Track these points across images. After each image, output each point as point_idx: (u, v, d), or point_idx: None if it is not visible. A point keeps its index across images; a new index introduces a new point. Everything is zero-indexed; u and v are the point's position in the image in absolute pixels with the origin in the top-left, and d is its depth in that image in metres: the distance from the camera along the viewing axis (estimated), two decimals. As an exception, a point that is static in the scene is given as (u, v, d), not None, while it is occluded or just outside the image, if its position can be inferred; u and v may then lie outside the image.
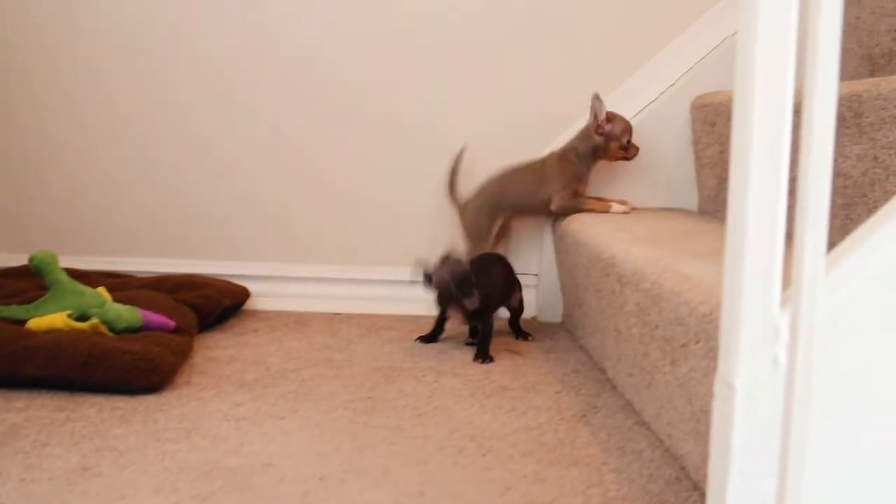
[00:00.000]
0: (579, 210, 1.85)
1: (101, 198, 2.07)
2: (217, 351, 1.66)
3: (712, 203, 1.86)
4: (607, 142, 1.83)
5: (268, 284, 2.03)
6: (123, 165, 2.06)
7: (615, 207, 1.86)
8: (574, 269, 1.75)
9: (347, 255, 2.05)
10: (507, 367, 1.60)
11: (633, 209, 1.88)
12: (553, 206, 1.87)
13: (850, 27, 1.86)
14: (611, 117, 1.83)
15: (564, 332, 1.88)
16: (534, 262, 1.98)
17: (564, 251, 1.83)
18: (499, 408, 1.37)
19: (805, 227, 0.68)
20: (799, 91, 0.70)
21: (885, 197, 1.22)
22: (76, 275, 1.67)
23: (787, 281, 0.74)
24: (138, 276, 1.98)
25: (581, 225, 1.73)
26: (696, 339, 1.05)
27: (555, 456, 1.18)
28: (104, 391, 1.39)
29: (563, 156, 1.88)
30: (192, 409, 1.33)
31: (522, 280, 1.91)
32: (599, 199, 1.89)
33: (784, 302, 0.73)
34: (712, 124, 1.80)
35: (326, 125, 2.03)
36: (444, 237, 2.01)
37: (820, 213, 0.69)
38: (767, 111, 0.70)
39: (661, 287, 1.18)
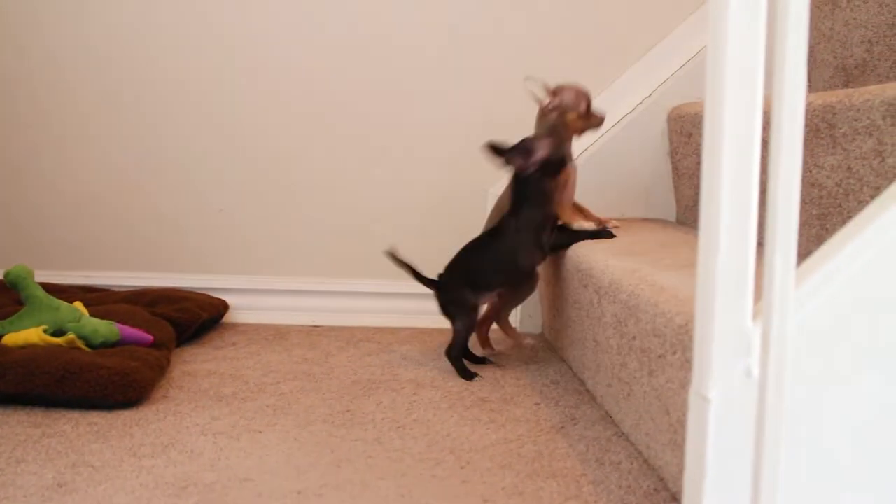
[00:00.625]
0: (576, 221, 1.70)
1: (77, 212, 2.06)
2: (195, 365, 1.65)
3: (690, 213, 1.87)
4: (563, 115, 1.64)
5: (246, 297, 2.02)
6: (100, 179, 2.05)
7: (576, 225, 1.68)
8: (554, 280, 1.75)
9: (326, 267, 2.05)
10: (487, 379, 1.60)
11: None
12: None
13: (825, 38, 1.88)
14: (556, 89, 1.65)
15: (544, 344, 1.88)
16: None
17: (545, 263, 1.82)
18: (477, 420, 1.37)
19: (775, 240, 0.69)
20: (769, 102, 0.71)
21: (860, 207, 1.23)
22: (52, 289, 1.66)
23: (758, 293, 0.74)
24: (116, 290, 1.97)
25: (559, 236, 1.73)
26: (672, 351, 1.05)
27: (533, 468, 1.18)
28: (80, 406, 1.38)
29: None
30: (168, 424, 1.33)
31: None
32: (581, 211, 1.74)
33: (756, 314, 0.74)
34: (689, 135, 1.82)
35: (304, 137, 2.03)
36: (424, 248, 2.01)
37: (789, 226, 0.69)
38: (737, 123, 0.71)
39: (638, 298, 1.18)
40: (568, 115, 1.65)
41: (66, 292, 1.82)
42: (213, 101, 2.03)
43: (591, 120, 1.67)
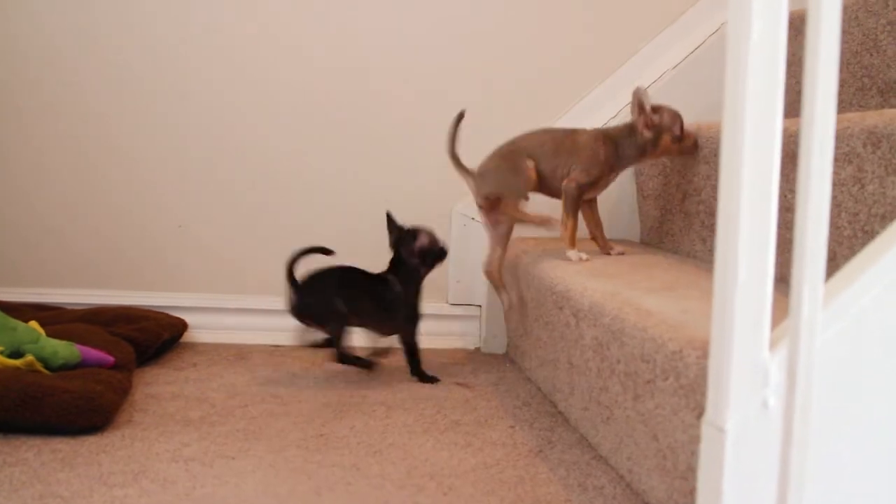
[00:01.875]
0: (574, 210, 1.65)
1: (27, 228, 1.99)
2: (157, 387, 1.60)
3: (655, 234, 1.88)
4: (658, 135, 1.63)
5: (205, 316, 1.97)
6: (52, 192, 1.99)
7: (572, 255, 1.64)
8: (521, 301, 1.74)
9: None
10: (458, 401, 1.58)
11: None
12: (566, 185, 1.65)
13: (788, 64, 1.91)
14: (657, 108, 1.64)
15: (510, 364, 1.87)
16: (479, 292, 1.97)
17: (511, 283, 1.82)
18: (454, 444, 1.35)
19: (802, 273, 0.69)
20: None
21: (836, 234, 1.25)
22: (2, 307, 1.60)
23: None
24: (69, 308, 1.90)
25: (529, 258, 1.73)
26: (663, 376, 1.05)
27: (517, 494, 1.17)
28: (42, 432, 1.33)
29: (603, 138, 1.67)
30: (137, 451, 1.28)
31: (468, 311, 1.91)
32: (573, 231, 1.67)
33: (773, 344, 0.73)
34: (655, 156, 1.82)
35: (266, 153, 2.00)
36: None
37: (817, 258, 0.69)
38: (757, 154, 0.71)
39: (623, 322, 1.18)
40: (663, 136, 1.64)
41: (17, 311, 1.74)
42: (172, 113, 1.98)
43: (684, 143, 1.66)
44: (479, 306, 1.99)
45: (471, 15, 2.00)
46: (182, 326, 1.90)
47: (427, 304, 1.90)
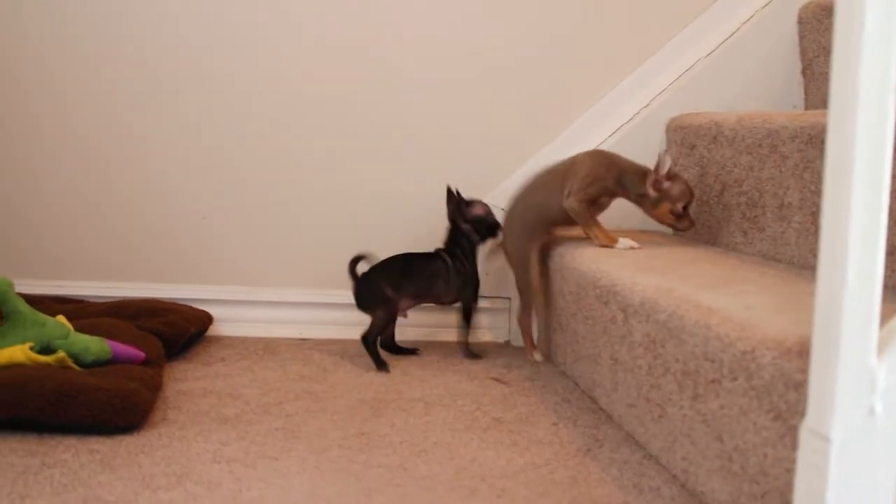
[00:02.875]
0: (590, 218, 1.68)
1: (49, 216, 1.95)
2: (187, 383, 1.57)
3: (690, 226, 1.84)
4: (659, 200, 1.64)
5: (231, 309, 1.93)
6: (72, 183, 1.94)
7: (622, 243, 1.66)
8: (555, 294, 1.71)
9: (314, 277, 1.97)
10: (496, 397, 1.55)
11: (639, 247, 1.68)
12: (568, 204, 1.67)
13: (824, 51, 1.88)
14: (672, 175, 1.63)
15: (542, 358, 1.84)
16: (508, 284, 1.93)
17: (544, 275, 1.78)
18: (500, 443, 1.32)
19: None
20: None
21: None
22: (25, 301, 1.55)
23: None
24: (91, 301, 1.86)
25: (566, 249, 1.69)
26: (731, 377, 1.01)
27: (573, 496, 1.13)
28: (77, 431, 1.29)
29: (607, 162, 1.68)
30: (176, 451, 1.24)
31: (496, 304, 1.88)
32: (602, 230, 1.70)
33: (880, 349, 0.70)
34: (692, 146, 1.79)
35: (290, 144, 1.96)
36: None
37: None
38: (868, 148, 0.67)
39: (682, 320, 1.14)
40: (663, 204, 1.64)
41: (39, 303, 1.70)
42: (195, 106, 1.94)
43: (680, 221, 1.66)
44: (508, 298, 1.95)
45: (494, 13, 1.96)
46: (208, 320, 1.86)
47: (454, 298, 1.88)
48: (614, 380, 1.42)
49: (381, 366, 1.71)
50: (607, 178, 1.67)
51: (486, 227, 1.82)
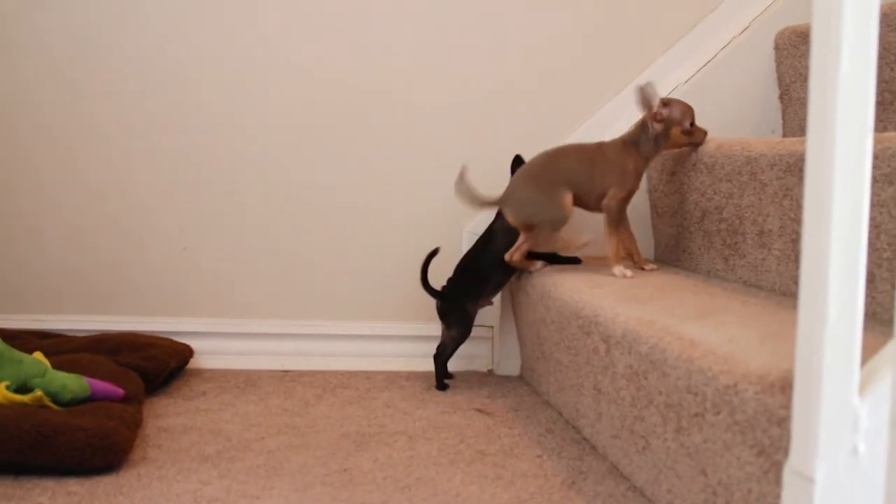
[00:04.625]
0: (616, 226, 1.68)
1: (26, 251, 1.93)
2: (168, 419, 1.55)
3: (671, 252, 1.84)
4: (668, 128, 1.66)
5: (211, 341, 1.92)
6: (50, 215, 1.93)
7: (617, 271, 1.66)
8: (538, 323, 1.70)
9: (296, 308, 1.96)
10: (480, 429, 1.54)
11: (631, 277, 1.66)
12: (606, 203, 1.68)
13: (801, 78, 1.89)
14: (666, 102, 1.67)
15: (525, 387, 1.83)
16: (490, 313, 1.93)
17: (526, 304, 1.78)
18: (484, 476, 1.31)
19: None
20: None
21: (874, 255, 1.22)
22: (2, 335, 1.54)
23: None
24: (71, 335, 1.84)
25: (548, 278, 1.69)
26: (715, 411, 1.01)
27: (557, 532, 1.12)
28: (54, 473, 1.27)
29: (626, 147, 1.70)
30: (156, 492, 1.23)
31: (479, 332, 1.87)
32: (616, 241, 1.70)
33: (862, 388, 0.70)
34: (672, 173, 1.79)
35: (272, 175, 1.95)
36: (398, 287, 1.95)
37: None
38: (847, 188, 0.67)
39: (665, 352, 1.14)
40: (672, 129, 1.67)
41: (17, 338, 1.69)
42: (175, 135, 1.93)
43: (693, 136, 1.69)
44: (491, 327, 1.94)
45: (486, 35, 1.97)
46: (188, 353, 1.84)
47: (437, 326, 1.87)
48: (598, 410, 1.41)
49: (442, 386, 1.78)
50: (636, 165, 1.69)
51: None
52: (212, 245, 1.95)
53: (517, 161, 1.84)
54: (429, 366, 1.88)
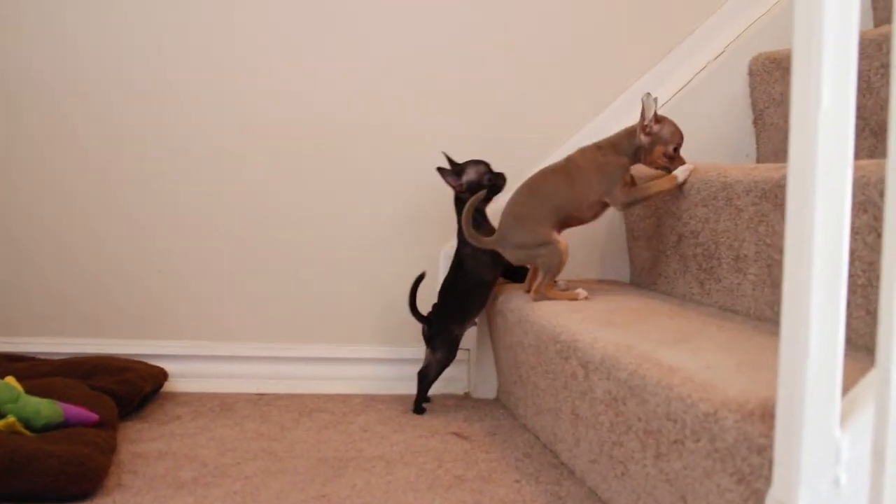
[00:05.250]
0: (647, 197, 1.68)
1: (-2, 273, 1.91)
2: (142, 445, 1.53)
3: (647, 275, 1.86)
4: (652, 144, 1.65)
5: (186, 364, 1.90)
6: (22, 239, 1.90)
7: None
8: (516, 346, 1.71)
9: (271, 331, 1.95)
10: (458, 454, 1.53)
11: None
12: (616, 203, 1.68)
13: (774, 103, 1.91)
14: (660, 118, 1.66)
15: (502, 410, 1.83)
16: (467, 336, 1.92)
17: (503, 327, 1.78)
18: (462, 502, 1.30)
19: (891, 348, 0.66)
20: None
21: (850, 281, 1.23)
22: (-25, 360, 1.52)
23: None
24: (43, 358, 1.82)
25: (525, 302, 1.69)
26: (694, 438, 1.02)
27: (537, 559, 1.12)
28: (27, 500, 1.25)
29: (601, 149, 1.70)
30: (131, 519, 1.21)
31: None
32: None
33: (843, 420, 0.70)
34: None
35: (249, 197, 1.94)
36: (374, 310, 1.95)
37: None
38: (828, 222, 0.68)
39: (644, 379, 1.14)
40: (657, 148, 1.65)
41: (-12, 363, 1.67)
42: (148, 160, 1.91)
43: (673, 162, 1.67)
44: (468, 350, 1.94)
45: (464, 60, 1.97)
46: (163, 376, 1.83)
47: (414, 349, 1.88)
48: (576, 435, 1.42)
49: (420, 410, 1.79)
50: (618, 157, 1.68)
51: (488, 187, 1.79)
52: (187, 268, 1.94)
53: (458, 202, 1.80)
54: (405, 389, 1.89)
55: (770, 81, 1.93)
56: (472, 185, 1.78)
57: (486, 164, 1.81)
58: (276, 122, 1.93)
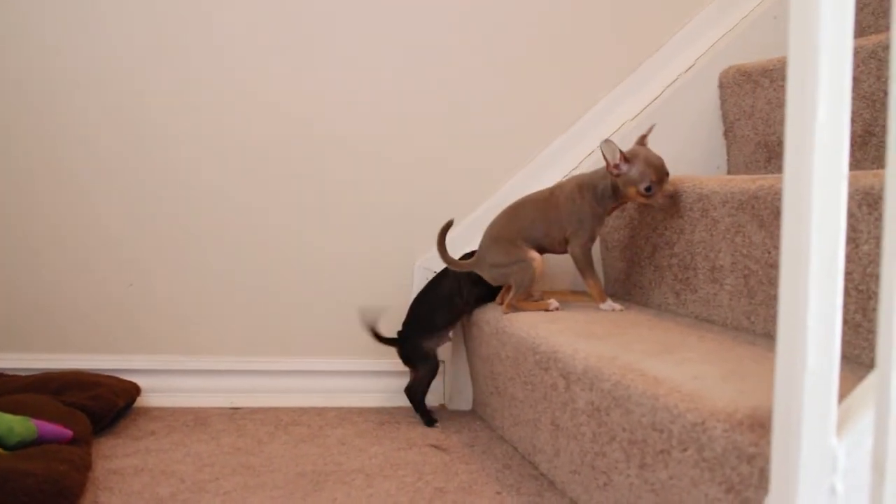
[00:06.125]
0: (589, 268, 1.67)
1: (-36, 287, 1.87)
2: (117, 461, 1.51)
3: (622, 286, 1.87)
4: (625, 185, 1.60)
5: (158, 379, 1.87)
6: (-11, 250, 1.87)
7: (606, 306, 1.68)
8: (492, 357, 1.71)
9: (244, 344, 1.93)
10: (437, 466, 1.53)
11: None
12: (571, 251, 1.68)
13: (745, 115, 1.94)
14: (630, 157, 1.59)
15: (479, 421, 1.83)
16: (442, 347, 1.92)
17: (479, 338, 1.78)
18: (445, 515, 1.30)
19: (891, 356, 0.67)
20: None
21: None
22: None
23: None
24: (12, 374, 1.79)
25: (500, 313, 1.69)
26: (681, 448, 1.02)
27: (524, 571, 1.12)
28: (2, 520, 1.23)
29: (581, 189, 1.67)
30: (111, 537, 1.19)
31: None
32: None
33: (839, 428, 0.71)
34: (622, 208, 1.82)
35: (220, 209, 1.92)
36: (349, 321, 1.93)
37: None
38: (824, 232, 0.69)
39: (629, 389, 1.15)
40: (629, 189, 1.61)
41: (-45, 379, 1.64)
42: (126, 167, 1.89)
43: (652, 198, 1.60)
44: (443, 362, 1.94)
45: (436, 66, 1.97)
46: (135, 391, 1.80)
47: (388, 362, 1.87)
48: (556, 446, 1.42)
49: (429, 422, 1.78)
50: (592, 206, 1.66)
51: None
52: (159, 281, 1.91)
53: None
54: (381, 401, 1.89)
55: (740, 94, 1.96)
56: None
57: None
58: (249, 135, 1.92)
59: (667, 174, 1.60)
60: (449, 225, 1.73)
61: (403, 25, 1.96)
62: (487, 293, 1.82)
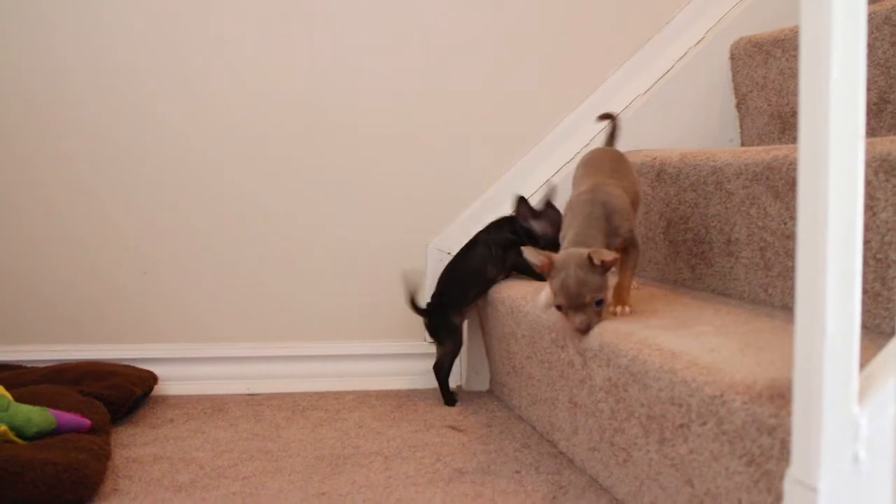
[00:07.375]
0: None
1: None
2: (136, 449, 1.51)
3: (636, 263, 1.85)
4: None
5: (175, 367, 1.88)
6: (2, 244, 1.87)
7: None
8: (508, 337, 1.70)
9: (261, 330, 1.94)
10: (455, 447, 1.52)
11: None
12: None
13: (758, 87, 1.92)
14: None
15: (496, 402, 1.83)
16: (458, 329, 1.92)
17: (495, 318, 1.77)
18: (464, 495, 1.30)
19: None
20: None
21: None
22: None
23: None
24: (30, 366, 1.79)
25: (516, 292, 1.68)
26: (700, 421, 1.01)
27: (544, 549, 1.12)
28: (23, 510, 1.23)
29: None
30: (131, 525, 1.20)
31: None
32: None
33: (860, 396, 0.70)
34: (635, 185, 1.80)
35: (235, 195, 1.92)
36: (363, 303, 1.93)
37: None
38: (842, 201, 0.67)
39: (646, 364, 1.14)
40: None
41: (-27, 372, 1.65)
42: (135, 156, 1.89)
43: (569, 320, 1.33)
44: (459, 343, 1.93)
45: (444, 51, 1.96)
46: (152, 380, 1.80)
47: (405, 344, 1.87)
48: (574, 423, 1.41)
49: (450, 401, 1.79)
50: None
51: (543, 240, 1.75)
52: (174, 269, 1.92)
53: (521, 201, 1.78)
54: (397, 384, 1.89)
55: (752, 65, 1.94)
56: (535, 235, 1.77)
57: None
58: (259, 124, 1.92)
59: (582, 305, 1.30)
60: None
61: (414, 8, 1.95)
62: (523, 260, 1.74)
